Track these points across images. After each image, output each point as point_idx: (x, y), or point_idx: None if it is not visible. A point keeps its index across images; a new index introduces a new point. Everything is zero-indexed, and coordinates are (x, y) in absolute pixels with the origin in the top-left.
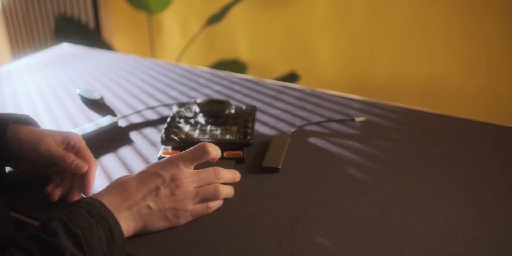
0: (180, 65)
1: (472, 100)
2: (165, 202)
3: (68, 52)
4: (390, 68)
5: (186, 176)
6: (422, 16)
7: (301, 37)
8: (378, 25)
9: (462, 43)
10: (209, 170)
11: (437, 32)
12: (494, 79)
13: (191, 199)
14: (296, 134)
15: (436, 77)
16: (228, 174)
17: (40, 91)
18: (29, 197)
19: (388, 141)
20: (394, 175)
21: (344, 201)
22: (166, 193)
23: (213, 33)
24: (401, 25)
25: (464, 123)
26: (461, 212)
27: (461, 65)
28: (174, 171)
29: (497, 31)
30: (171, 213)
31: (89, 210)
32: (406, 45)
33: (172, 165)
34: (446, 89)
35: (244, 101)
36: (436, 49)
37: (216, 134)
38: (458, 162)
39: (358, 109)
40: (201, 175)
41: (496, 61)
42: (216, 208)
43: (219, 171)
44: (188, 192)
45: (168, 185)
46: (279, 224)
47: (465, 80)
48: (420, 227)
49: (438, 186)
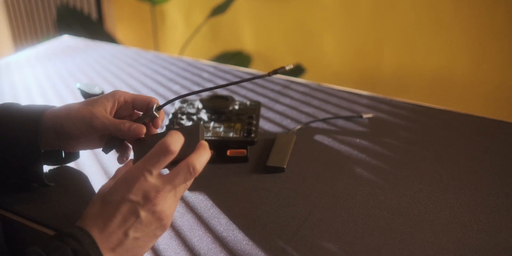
0: (183, 58)
1: (483, 95)
2: (150, 224)
3: (69, 44)
4: (397, 60)
5: (160, 189)
6: (431, 7)
7: (307, 28)
8: (385, 16)
9: (473, 34)
10: (181, 169)
11: (446, 23)
12: (508, 72)
13: (173, 205)
14: (302, 131)
15: (445, 70)
16: (204, 160)
17: (40, 85)
18: (17, 193)
19: (397, 139)
20: (404, 176)
21: (352, 203)
22: (147, 216)
23: (217, 24)
24: (409, 16)
25: (478, 120)
26: (475, 215)
27: (472, 58)
28: (144, 189)
29: (510, 22)
30: (159, 229)
31: (75, 251)
32: (414, 37)
33: (138, 182)
34: (455, 83)
35: (248, 96)
36: (445, 41)
37: (219, 131)
38: (472, 162)
39: (365, 105)
40: (174, 181)
41: (509, 53)
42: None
43: (195, 167)
44: (167, 203)
45: (145, 207)
46: (284, 227)
47: (476, 73)
48: (431, 231)
49: (451, 187)
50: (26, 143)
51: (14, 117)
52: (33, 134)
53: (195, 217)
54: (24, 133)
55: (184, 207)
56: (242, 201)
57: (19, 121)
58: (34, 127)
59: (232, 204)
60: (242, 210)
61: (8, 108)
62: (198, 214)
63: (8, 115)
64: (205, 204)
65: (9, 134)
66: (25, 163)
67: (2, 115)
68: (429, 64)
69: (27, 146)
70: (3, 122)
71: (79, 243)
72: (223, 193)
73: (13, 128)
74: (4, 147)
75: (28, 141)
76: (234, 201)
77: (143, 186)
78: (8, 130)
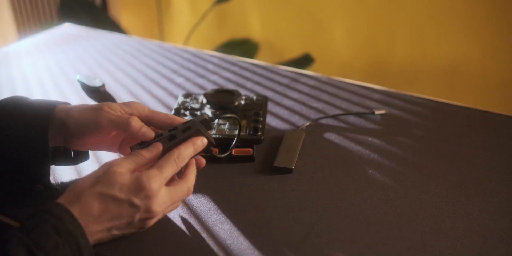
0: (187, 49)
1: (498, 87)
2: (132, 228)
3: (70, 32)
4: (409, 50)
5: (160, 205)
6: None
7: (315, 15)
8: (397, 5)
9: (487, 24)
10: (181, 190)
11: (460, 12)
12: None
13: (162, 215)
14: (311, 128)
15: (458, 61)
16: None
17: (39, 76)
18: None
19: (412, 138)
20: (419, 178)
21: (364, 208)
22: (137, 223)
23: (224, 11)
24: (421, 5)
25: (498, 118)
26: (496, 224)
27: (486, 48)
28: (149, 201)
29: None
30: (139, 226)
31: (55, 226)
32: (426, 26)
33: (150, 189)
34: (468, 74)
35: (255, 90)
36: (459, 31)
37: (224, 129)
38: (492, 164)
39: (377, 101)
40: (174, 197)
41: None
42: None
43: (191, 189)
44: (161, 214)
45: (142, 215)
46: (292, 234)
47: (490, 65)
48: (448, 241)
49: (469, 192)
50: (34, 140)
51: (24, 112)
52: (41, 130)
53: (197, 222)
54: (33, 129)
55: (185, 211)
56: (247, 205)
57: (28, 116)
58: (43, 122)
59: (237, 208)
60: (247, 214)
61: (18, 102)
62: (200, 219)
63: (17, 109)
64: (208, 208)
65: (17, 130)
66: (32, 160)
67: (11, 109)
68: (441, 54)
69: (34, 142)
70: (11, 116)
71: (58, 219)
72: (227, 195)
73: (21, 123)
74: (11, 143)
75: (36, 138)
76: (238, 204)
77: (151, 196)
78: (16, 125)
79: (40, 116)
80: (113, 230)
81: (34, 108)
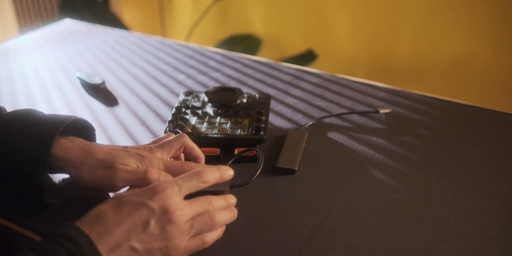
0: (189, 45)
1: (503, 84)
2: (154, 241)
3: (70, 28)
4: (413, 46)
5: (179, 207)
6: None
7: (319, 11)
8: (400, 0)
9: (492, 20)
10: (200, 198)
11: (464, 7)
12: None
13: (185, 234)
14: (314, 127)
15: (463, 57)
16: (220, 202)
17: (38, 73)
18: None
19: (417, 138)
20: (425, 180)
21: (368, 211)
22: (155, 230)
23: (226, 7)
24: (425, 0)
25: (506, 118)
26: (504, 227)
27: (491, 44)
28: (165, 201)
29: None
30: (161, 253)
31: (71, 253)
32: (430, 22)
33: (163, 192)
34: (473, 71)
35: (257, 87)
36: (463, 27)
37: (226, 128)
38: (500, 165)
39: (382, 99)
40: (194, 204)
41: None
42: (213, 242)
43: (212, 201)
44: (181, 227)
45: (159, 219)
46: (294, 238)
47: (495, 61)
48: (454, 245)
49: (476, 194)
50: (35, 153)
51: (33, 127)
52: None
53: None
54: (37, 146)
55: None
56: (249, 207)
57: (37, 132)
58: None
59: (238, 210)
60: (249, 217)
61: (30, 115)
62: None
63: (28, 124)
64: None
65: (21, 144)
66: (28, 170)
67: (20, 123)
68: (446, 50)
69: (34, 154)
70: (18, 130)
71: (75, 243)
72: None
73: (27, 137)
74: (12, 155)
75: (38, 151)
76: (240, 206)
77: (165, 199)
78: (20, 140)
79: (46, 136)
80: (132, 241)
81: (45, 124)
